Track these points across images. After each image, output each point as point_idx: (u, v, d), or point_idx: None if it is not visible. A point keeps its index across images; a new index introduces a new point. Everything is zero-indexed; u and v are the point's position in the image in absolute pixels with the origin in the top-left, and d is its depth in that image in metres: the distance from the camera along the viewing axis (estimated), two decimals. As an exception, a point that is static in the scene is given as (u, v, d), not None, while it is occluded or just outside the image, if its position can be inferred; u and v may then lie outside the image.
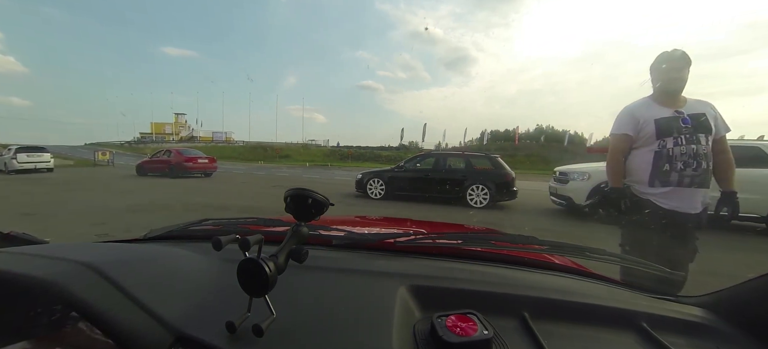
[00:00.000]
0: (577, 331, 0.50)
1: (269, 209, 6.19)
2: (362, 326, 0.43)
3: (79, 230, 4.19)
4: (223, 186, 9.90)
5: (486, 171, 6.82)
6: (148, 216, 5.12)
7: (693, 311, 0.57)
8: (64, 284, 0.38)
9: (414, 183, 7.06)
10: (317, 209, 0.49)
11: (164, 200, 6.93)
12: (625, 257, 0.71)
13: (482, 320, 0.44)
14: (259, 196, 7.96)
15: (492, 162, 6.95)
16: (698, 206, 1.49)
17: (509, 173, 6.76)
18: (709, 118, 1.51)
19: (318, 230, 0.77)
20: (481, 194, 6.58)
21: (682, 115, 1.50)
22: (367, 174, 7.50)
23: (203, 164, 12.10)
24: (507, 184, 6.59)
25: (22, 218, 4.78)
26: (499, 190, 6.59)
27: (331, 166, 23.68)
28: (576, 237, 2.15)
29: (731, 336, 0.52)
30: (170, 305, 0.42)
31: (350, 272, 0.59)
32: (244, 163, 24.31)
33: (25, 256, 0.47)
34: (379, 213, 5.46)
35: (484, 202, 6.55)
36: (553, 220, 5.65)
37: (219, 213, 5.42)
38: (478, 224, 5.16)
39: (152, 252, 0.59)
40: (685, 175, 1.47)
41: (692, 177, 1.47)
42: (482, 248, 0.78)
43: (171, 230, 0.83)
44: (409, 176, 7.19)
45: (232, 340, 0.39)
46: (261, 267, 0.38)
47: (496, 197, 6.60)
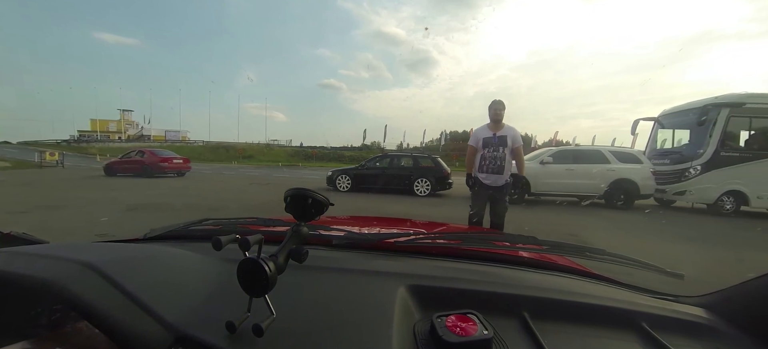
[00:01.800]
0: (577, 331, 0.50)
1: (255, 201, 6.97)
2: (362, 326, 0.43)
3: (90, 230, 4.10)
4: (207, 184, 10.55)
5: (428, 168, 8.86)
6: (149, 215, 5.15)
7: (693, 311, 0.57)
8: (64, 284, 0.39)
9: (373, 178, 8.85)
10: (317, 209, 0.49)
11: (159, 199, 6.96)
12: (624, 257, 0.71)
13: (482, 320, 0.44)
14: (242, 191, 9.08)
15: (433, 161, 9.07)
16: (501, 182, 2.94)
17: (445, 169, 8.84)
18: (508, 138, 2.90)
19: (318, 230, 0.77)
20: (424, 186, 8.60)
21: (494, 135, 2.95)
22: (336, 171, 9.33)
23: (178, 165, 12.50)
24: (444, 177, 8.68)
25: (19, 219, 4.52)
26: (438, 182, 8.65)
27: (301, 166, 24.52)
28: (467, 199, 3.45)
29: (731, 336, 0.52)
30: (170, 305, 0.42)
31: (350, 272, 0.59)
32: (208, 164, 23.64)
33: (25, 256, 0.47)
34: (347, 203, 6.71)
35: (426, 191, 8.57)
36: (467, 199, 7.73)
37: (214, 212, 5.63)
38: (421, 206, 6.96)
39: (152, 252, 0.59)
40: (490, 167, 2.95)
41: (494, 168, 2.93)
42: (482, 248, 0.78)
43: (171, 229, 0.83)
44: (370, 172, 9.04)
45: (232, 340, 0.39)
46: (261, 267, 0.38)
47: (436, 187, 8.65)
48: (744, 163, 6.72)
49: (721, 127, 6.76)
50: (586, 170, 7.32)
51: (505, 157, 2.92)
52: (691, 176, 6.91)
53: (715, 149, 6.76)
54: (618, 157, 7.34)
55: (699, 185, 6.81)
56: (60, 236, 3.70)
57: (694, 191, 6.91)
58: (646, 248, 4.16)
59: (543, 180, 7.31)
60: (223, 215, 4.11)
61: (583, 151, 8.04)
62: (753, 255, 3.91)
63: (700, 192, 6.86)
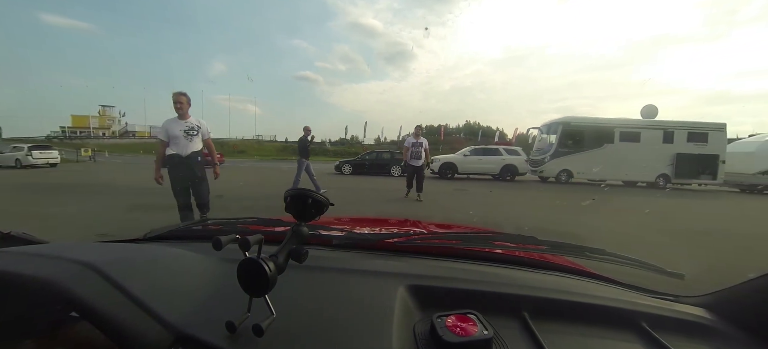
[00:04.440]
0: (577, 331, 0.50)
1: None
2: (362, 326, 0.43)
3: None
4: (239, 175, 12.53)
5: (399, 159, 13.01)
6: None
7: (693, 311, 0.57)
8: (64, 284, 0.39)
9: (365, 166, 13.86)
10: (317, 209, 0.49)
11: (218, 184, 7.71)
12: (624, 257, 0.72)
13: (482, 320, 0.44)
14: (269, 178, 11.38)
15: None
16: (419, 164, 6.24)
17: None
18: (423, 142, 6.27)
19: (318, 230, 0.78)
20: (396, 170, 13.16)
21: (417, 142, 6.34)
22: (342, 161, 14.41)
23: (219, 159, 15.39)
24: (410, 165, 13.79)
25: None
26: (405, 168, 13.25)
27: (295, 160, 27.31)
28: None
29: (731, 336, 0.52)
30: (170, 305, 0.43)
31: (350, 272, 0.59)
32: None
33: (25, 256, 0.47)
34: (350, 183, 9.70)
35: (397, 174, 12.72)
36: (430, 180, 9.77)
37: (269, 198, 6.34)
38: (393, 181, 9.94)
39: (152, 252, 0.59)
40: (414, 156, 6.31)
41: (416, 157, 6.30)
42: (482, 247, 0.78)
43: (171, 229, 0.83)
44: (363, 162, 14.15)
45: (232, 340, 0.39)
46: (261, 267, 0.39)
47: (404, 171, 12.60)
48: (570, 155, 12.42)
49: (559, 136, 12.44)
50: (489, 159, 12.65)
51: (420, 153, 6.18)
52: (546, 161, 12.58)
53: (556, 148, 12.46)
54: (507, 151, 12.84)
55: (549, 167, 12.50)
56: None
57: (547, 170, 12.61)
58: (521, 196, 8.40)
59: (464, 165, 12.59)
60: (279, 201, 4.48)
61: (487, 148, 13.59)
62: (566, 194, 8.65)
63: (550, 170, 12.59)
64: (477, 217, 5.23)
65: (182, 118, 3.09)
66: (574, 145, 12.60)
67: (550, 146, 12.75)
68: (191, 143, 3.10)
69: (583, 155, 12.35)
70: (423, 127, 6.85)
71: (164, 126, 3.09)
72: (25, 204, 5.48)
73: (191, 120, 3.12)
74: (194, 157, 3.11)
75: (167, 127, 3.06)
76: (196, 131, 3.12)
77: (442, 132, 46.01)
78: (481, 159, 12.76)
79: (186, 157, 3.07)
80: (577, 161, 12.33)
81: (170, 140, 3.06)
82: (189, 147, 3.08)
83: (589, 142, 12.50)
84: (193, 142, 3.11)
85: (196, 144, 3.14)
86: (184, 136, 3.07)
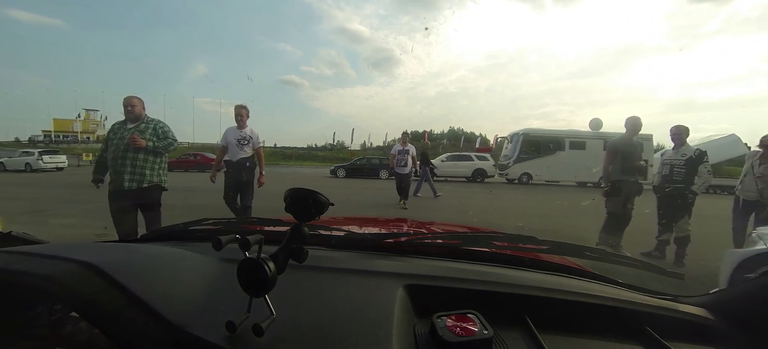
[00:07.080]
0: (578, 331, 0.50)
1: (312, 185, 10.25)
2: (362, 326, 0.43)
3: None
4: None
5: (386, 164, 15.13)
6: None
7: (693, 311, 0.57)
8: (64, 284, 0.39)
9: (358, 170, 15.92)
10: (317, 209, 0.48)
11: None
12: (624, 257, 0.72)
13: (482, 320, 0.44)
14: (284, 181, 12.44)
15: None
16: (405, 171, 6.61)
17: (397, 164, 16.11)
18: (410, 151, 6.76)
19: (318, 230, 0.78)
20: (384, 174, 15.16)
21: (403, 150, 6.91)
22: (337, 166, 16.58)
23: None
24: (395, 169, 15.78)
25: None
26: (392, 172, 14.94)
27: (292, 164, 28.08)
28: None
29: (731, 336, 0.52)
30: (170, 305, 0.42)
31: (350, 272, 0.59)
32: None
33: (25, 256, 0.47)
34: (343, 185, 11.42)
35: (385, 177, 14.62)
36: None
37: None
38: (381, 182, 13.06)
39: (152, 252, 0.59)
40: (400, 164, 6.73)
41: (402, 164, 6.67)
42: (482, 247, 0.78)
43: (171, 229, 0.84)
44: (356, 167, 16.33)
45: (232, 340, 0.39)
46: (261, 267, 0.39)
47: (391, 174, 13.94)
48: (530, 160, 14.90)
49: (520, 143, 14.93)
50: (462, 164, 15.35)
51: (407, 160, 6.50)
52: (510, 165, 15.02)
53: (518, 153, 14.93)
54: (478, 157, 15.25)
55: (513, 170, 14.94)
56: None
57: (511, 173, 15.03)
58: (493, 193, 10.86)
59: (443, 169, 14.65)
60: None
61: (461, 154, 16.55)
62: (524, 191, 11.25)
63: (513, 173, 15.05)
64: (450, 204, 7.15)
65: (240, 128, 3.51)
66: (533, 152, 15.11)
67: (513, 153, 15.20)
68: (241, 151, 3.47)
69: (540, 160, 14.90)
70: (409, 133, 7.54)
71: (224, 134, 3.58)
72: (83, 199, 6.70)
73: (247, 130, 3.52)
74: (243, 162, 3.47)
75: (226, 134, 3.55)
76: (247, 141, 3.50)
77: (425, 137, 48.57)
78: (456, 164, 15.21)
79: (235, 162, 3.46)
80: (536, 165, 14.88)
81: (228, 147, 3.50)
82: (239, 154, 3.46)
83: (544, 149, 15.14)
84: (244, 150, 3.48)
85: (247, 152, 3.51)
86: (237, 144, 3.46)
